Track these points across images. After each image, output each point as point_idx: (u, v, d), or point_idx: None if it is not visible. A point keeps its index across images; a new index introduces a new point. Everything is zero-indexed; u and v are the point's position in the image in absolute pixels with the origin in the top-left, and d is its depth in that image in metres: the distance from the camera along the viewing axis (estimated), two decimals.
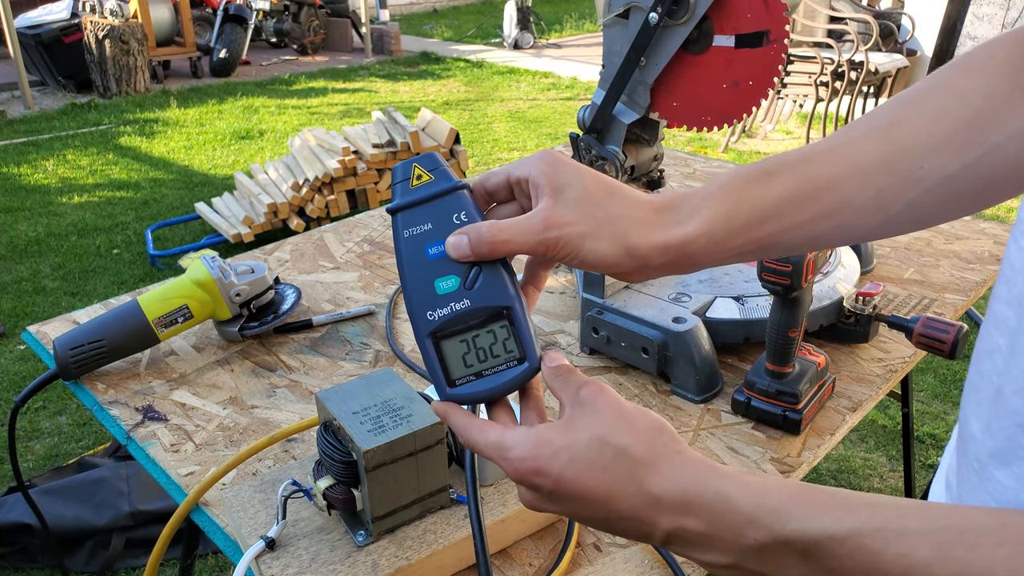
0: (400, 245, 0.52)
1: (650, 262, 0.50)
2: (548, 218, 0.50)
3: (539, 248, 0.50)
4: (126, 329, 0.96)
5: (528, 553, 0.70)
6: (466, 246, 0.51)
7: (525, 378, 0.52)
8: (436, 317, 0.51)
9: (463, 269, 0.51)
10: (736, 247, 0.50)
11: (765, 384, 0.84)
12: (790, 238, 0.50)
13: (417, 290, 0.51)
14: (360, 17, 8.53)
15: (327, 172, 3.68)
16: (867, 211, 0.49)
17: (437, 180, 0.53)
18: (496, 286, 0.51)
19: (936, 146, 0.48)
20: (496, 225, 0.51)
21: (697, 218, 0.50)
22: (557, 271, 1.21)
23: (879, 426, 2.45)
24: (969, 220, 1.36)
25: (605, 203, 0.50)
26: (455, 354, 0.51)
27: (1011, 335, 0.48)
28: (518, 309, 0.51)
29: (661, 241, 0.50)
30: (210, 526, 0.74)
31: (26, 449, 2.39)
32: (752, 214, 0.50)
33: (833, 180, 0.49)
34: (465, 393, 0.51)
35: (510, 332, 0.51)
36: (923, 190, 0.48)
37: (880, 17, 5.14)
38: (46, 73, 7.02)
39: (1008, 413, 0.48)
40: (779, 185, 0.50)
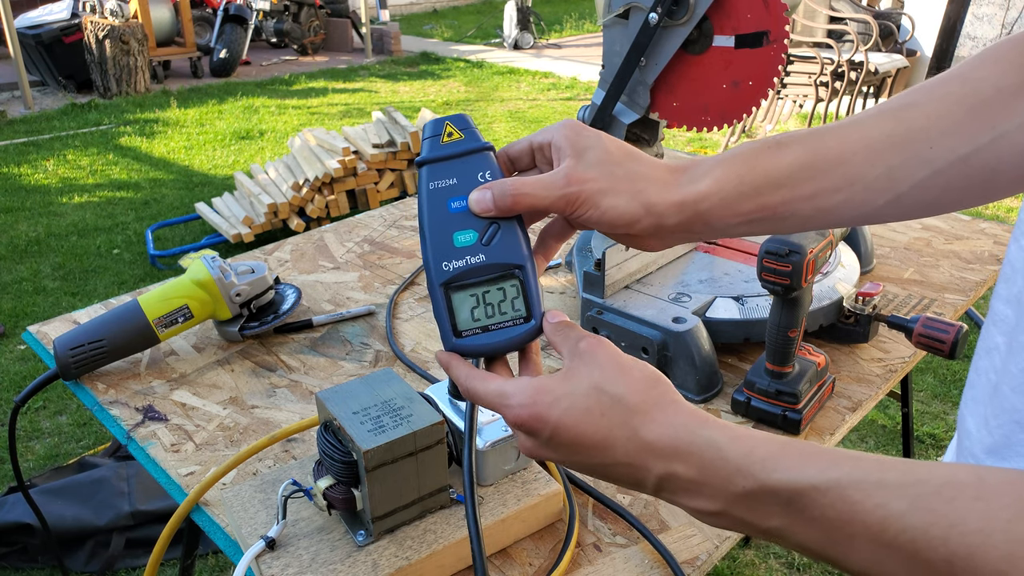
0: (424, 197, 0.54)
1: (666, 220, 0.52)
2: (569, 175, 0.52)
3: (559, 203, 0.52)
4: (126, 329, 0.96)
5: (528, 553, 0.70)
6: (489, 200, 0.53)
7: (529, 337, 0.54)
8: (451, 268, 0.53)
9: (482, 225, 0.53)
10: (747, 212, 0.52)
11: (765, 384, 0.84)
12: (800, 209, 0.52)
13: (435, 241, 0.53)
14: (360, 17, 8.53)
15: (327, 172, 3.68)
16: (876, 188, 0.50)
17: (466, 139, 0.55)
18: (511, 245, 0.53)
19: (946, 129, 0.49)
20: (519, 180, 0.53)
21: (710, 177, 0.52)
22: (557, 271, 1.21)
23: (879, 426, 2.45)
24: (969, 220, 1.36)
25: (625, 163, 0.52)
26: (464, 307, 0.53)
27: (1009, 333, 0.49)
28: (529, 270, 0.53)
29: (677, 198, 0.51)
30: (210, 526, 0.74)
31: (26, 449, 2.39)
32: (763, 180, 0.51)
33: (843, 154, 0.51)
34: (469, 345, 0.54)
35: (519, 291, 0.54)
36: (932, 171, 0.49)
37: (880, 17, 5.14)
38: (46, 73, 7.02)
39: (1005, 410, 0.49)
40: (790, 155, 0.52)
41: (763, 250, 0.77)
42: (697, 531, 0.71)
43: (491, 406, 0.51)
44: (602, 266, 0.94)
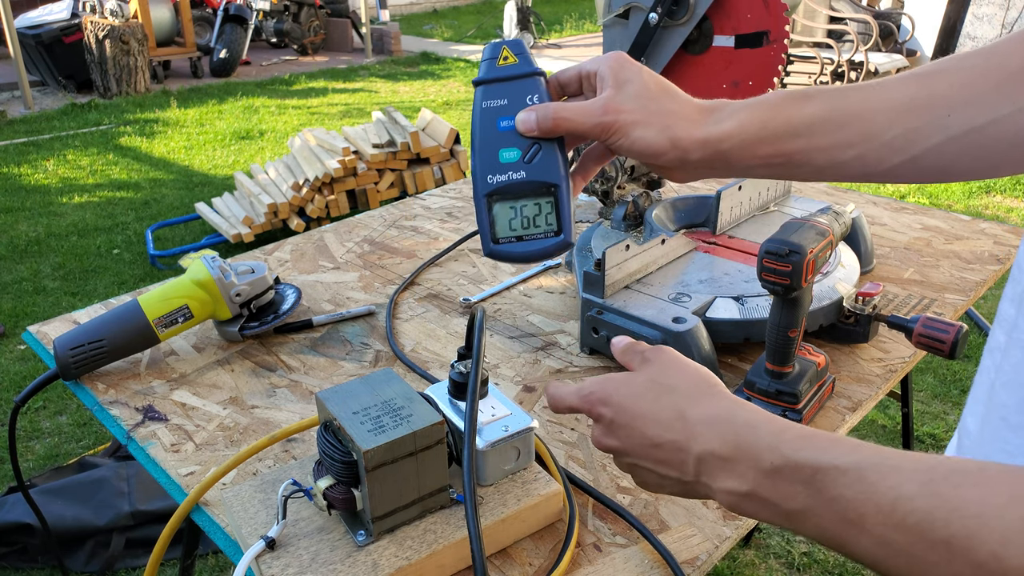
0: (477, 114, 0.59)
1: (690, 155, 0.56)
2: (607, 104, 0.57)
3: (595, 130, 0.57)
4: (126, 329, 0.96)
5: (528, 553, 0.70)
6: (533, 121, 0.58)
7: (557, 249, 0.59)
8: (494, 181, 0.58)
9: (526, 144, 0.59)
10: (765, 155, 0.56)
11: (765, 384, 0.84)
12: (815, 159, 0.55)
13: (483, 155, 0.59)
14: (360, 17, 8.53)
15: (327, 172, 3.68)
16: (891, 148, 0.53)
17: (520, 64, 0.60)
18: (550, 164, 0.58)
19: (967, 99, 0.50)
20: (561, 105, 0.58)
21: (734, 119, 0.56)
22: (557, 271, 1.22)
23: (879, 426, 2.45)
24: (969, 220, 1.36)
25: (659, 99, 0.57)
26: (503, 216, 0.59)
27: (1009, 332, 0.49)
28: (564, 189, 0.59)
29: (701, 136, 0.56)
30: (210, 526, 0.74)
31: (26, 449, 2.39)
32: (783, 127, 0.55)
33: (864, 112, 0.53)
34: (504, 251, 0.60)
35: (553, 207, 0.59)
36: (948, 138, 0.51)
37: (880, 17, 5.14)
38: (46, 73, 7.02)
39: (996, 408, 0.49)
40: (812, 106, 0.55)
41: (763, 250, 0.77)
42: (697, 531, 0.71)
43: (572, 402, 0.58)
44: (602, 266, 0.94)
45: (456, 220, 1.43)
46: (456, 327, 1.07)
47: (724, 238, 1.12)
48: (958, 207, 4.12)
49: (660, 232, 1.05)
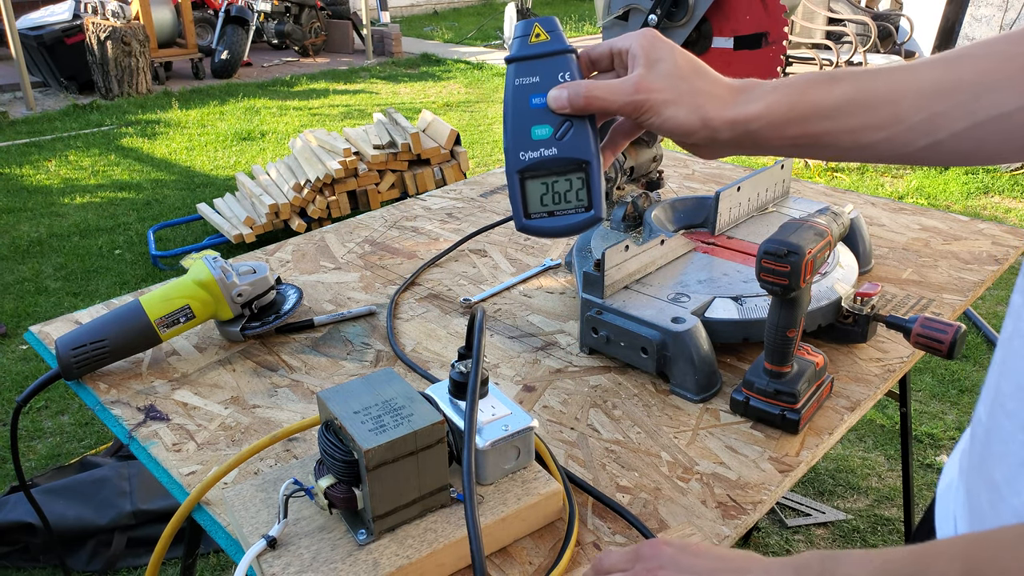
0: (509, 91, 0.60)
1: (720, 135, 0.57)
2: (638, 83, 0.57)
3: (626, 108, 0.58)
4: (128, 329, 0.97)
5: (528, 552, 0.70)
6: (564, 99, 0.58)
7: (588, 224, 0.60)
8: (527, 158, 0.59)
9: (557, 121, 0.59)
10: (792, 136, 0.56)
11: (764, 384, 0.84)
12: (841, 141, 0.56)
13: (515, 133, 0.59)
14: (361, 19, 8.54)
15: (328, 173, 3.68)
16: (917, 132, 0.53)
17: (552, 41, 0.60)
18: (581, 141, 0.59)
19: (993, 84, 0.50)
20: (593, 83, 0.58)
21: (763, 101, 0.56)
22: (557, 271, 1.22)
23: (877, 426, 2.45)
24: (967, 220, 1.37)
25: (691, 79, 0.57)
26: (535, 192, 0.60)
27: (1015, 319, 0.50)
28: (595, 165, 0.59)
29: (731, 116, 0.57)
30: (212, 525, 0.74)
31: (28, 449, 2.39)
32: (811, 109, 0.56)
33: (891, 95, 0.54)
34: (536, 226, 0.61)
35: (584, 183, 0.60)
36: (973, 123, 0.51)
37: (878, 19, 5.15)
38: (48, 74, 7.03)
39: (998, 395, 0.50)
40: (840, 89, 0.55)
41: (762, 251, 0.78)
42: (696, 530, 0.72)
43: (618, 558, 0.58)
44: (601, 266, 0.95)
45: (456, 221, 1.43)
46: (456, 327, 1.08)
47: (723, 239, 1.12)
48: (956, 207, 4.12)
49: (659, 233, 1.05)
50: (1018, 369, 0.47)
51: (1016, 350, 0.48)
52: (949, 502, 0.63)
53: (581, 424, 0.87)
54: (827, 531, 2.06)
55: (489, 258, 1.28)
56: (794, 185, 1.48)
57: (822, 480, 2.24)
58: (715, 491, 0.76)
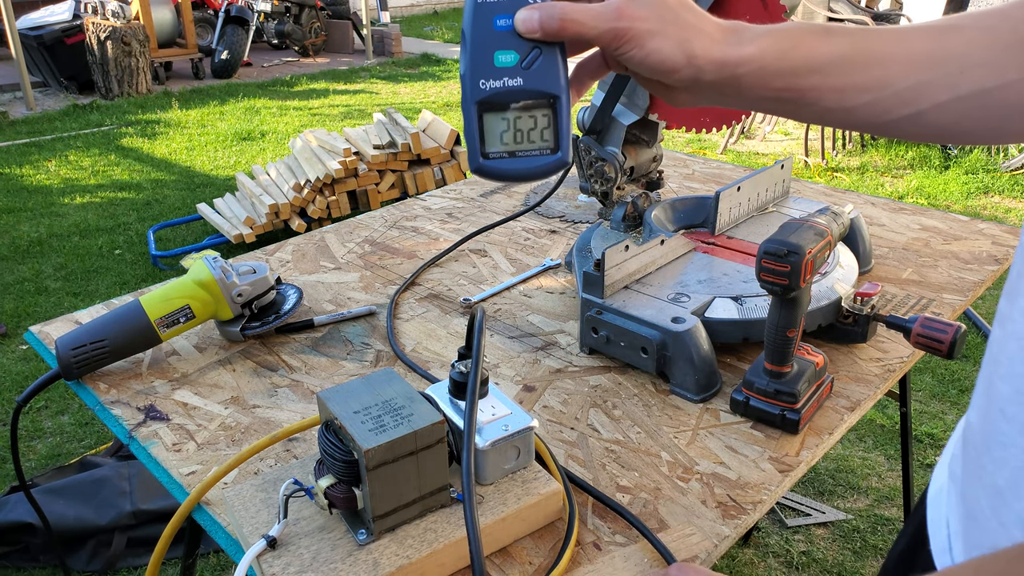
0: (469, 10, 0.53)
1: (704, 75, 0.52)
2: (621, 8, 0.51)
3: (606, 36, 0.52)
4: (128, 329, 0.97)
5: (528, 552, 0.70)
6: (536, 21, 0.51)
7: (553, 168, 0.53)
8: (487, 88, 0.52)
9: (524, 48, 0.52)
10: (778, 88, 0.53)
11: (763, 384, 0.84)
12: (825, 99, 0.53)
13: (476, 57, 0.52)
14: (361, 19, 8.54)
15: (328, 173, 3.68)
16: (901, 100, 0.51)
17: None
18: (551, 72, 0.52)
19: (979, 60, 0.49)
20: (569, 4, 0.52)
21: (755, 45, 0.52)
22: (557, 271, 1.22)
23: (877, 425, 2.45)
24: (967, 220, 1.37)
25: (678, 10, 0.52)
26: (495, 128, 0.53)
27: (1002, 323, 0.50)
28: (564, 101, 0.53)
29: (719, 56, 0.52)
30: (212, 525, 0.74)
31: (28, 449, 2.39)
32: (802, 61, 0.52)
33: (883, 57, 0.52)
34: (494, 167, 0.53)
35: (551, 122, 0.53)
36: (955, 96, 0.50)
37: (878, 19, 5.14)
38: (48, 74, 7.03)
39: (993, 399, 0.50)
40: (834, 44, 0.53)
41: (762, 250, 0.78)
42: (696, 530, 0.72)
43: None
44: (601, 266, 0.95)
45: (457, 221, 1.43)
46: (456, 327, 1.08)
47: (723, 238, 1.12)
48: (956, 207, 4.12)
49: (659, 233, 1.05)
50: (1017, 374, 0.47)
51: (1012, 354, 0.48)
52: (941, 507, 0.63)
53: (581, 424, 0.87)
54: (827, 531, 2.06)
55: (489, 258, 1.28)
56: (794, 185, 1.48)
57: (822, 480, 2.24)
58: (715, 491, 0.76)
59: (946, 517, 0.61)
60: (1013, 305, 0.48)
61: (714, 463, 0.80)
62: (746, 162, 4.83)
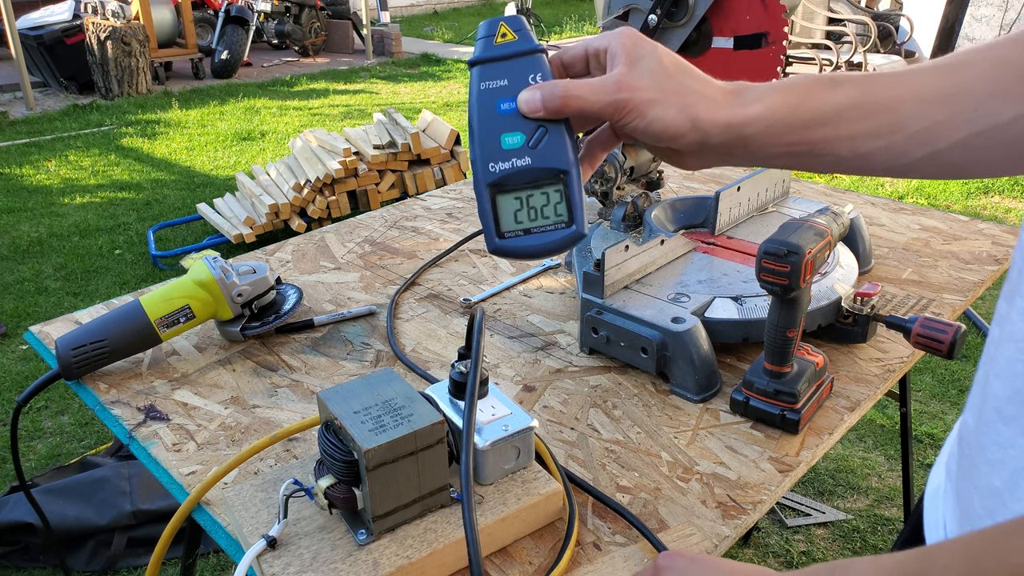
0: (474, 97, 0.54)
1: (710, 138, 0.52)
2: (621, 81, 0.52)
3: (608, 109, 0.52)
4: (128, 329, 0.97)
5: (528, 552, 0.70)
6: (538, 101, 0.52)
7: (570, 242, 0.54)
8: (497, 170, 0.53)
9: (530, 127, 0.53)
10: (789, 143, 0.52)
11: (763, 384, 0.84)
12: (839, 148, 0.52)
13: (484, 142, 0.53)
14: (361, 19, 8.54)
15: (328, 173, 3.69)
16: (917, 141, 0.51)
17: (520, 41, 0.55)
18: (558, 149, 0.53)
19: (993, 92, 0.49)
20: (570, 82, 0.53)
21: (761, 104, 0.52)
22: (557, 271, 1.22)
23: (877, 426, 2.45)
24: (967, 220, 1.37)
25: (678, 77, 0.53)
26: (508, 208, 0.54)
27: (1000, 324, 0.50)
28: (574, 175, 0.54)
29: (724, 118, 0.52)
30: (212, 525, 0.74)
31: (28, 449, 2.39)
32: (811, 114, 0.52)
33: (892, 101, 0.51)
34: (511, 246, 0.54)
35: (563, 196, 0.54)
36: (972, 133, 0.49)
37: (878, 19, 5.15)
38: (48, 74, 7.03)
39: (989, 399, 0.49)
40: (842, 94, 0.52)
41: (762, 250, 0.78)
42: (696, 530, 0.72)
43: None
44: (601, 266, 0.95)
45: (457, 221, 1.43)
46: (456, 327, 1.08)
47: (723, 238, 1.12)
48: (956, 207, 4.12)
49: (659, 233, 1.05)
50: (1015, 373, 0.47)
51: (1010, 355, 0.48)
52: (938, 507, 0.63)
53: (581, 424, 0.87)
54: (827, 531, 2.06)
55: (489, 258, 1.28)
56: (794, 185, 1.48)
57: (822, 480, 2.24)
58: (715, 491, 0.76)
59: (943, 517, 0.61)
60: (1011, 306, 0.48)
61: (714, 463, 0.80)
62: None
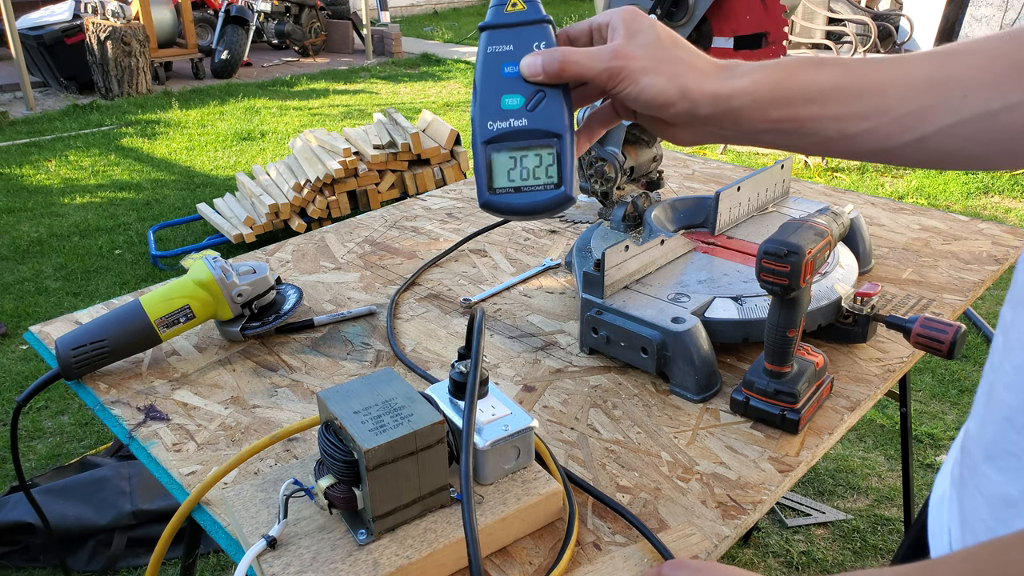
0: (480, 59, 0.57)
1: (699, 109, 0.54)
2: (616, 50, 0.55)
3: (603, 75, 0.55)
4: (128, 329, 0.97)
5: (528, 552, 0.70)
6: (539, 65, 0.56)
7: (557, 203, 0.57)
8: (494, 128, 0.56)
9: (529, 91, 0.56)
10: (775, 119, 0.54)
11: (763, 384, 0.84)
12: (826, 128, 0.54)
13: (485, 101, 0.57)
14: (361, 19, 8.54)
15: (328, 173, 3.68)
16: (903, 126, 0.51)
17: (528, 11, 0.58)
18: (554, 113, 0.56)
19: (984, 82, 0.49)
20: (569, 48, 0.56)
21: (748, 78, 0.54)
22: (557, 271, 1.22)
23: (877, 426, 2.45)
24: (967, 220, 1.37)
25: (671, 49, 0.56)
26: (501, 166, 0.57)
27: (1005, 332, 0.50)
28: (567, 140, 0.56)
29: (713, 89, 0.54)
30: (212, 525, 0.74)
31: (28, 449, 2.39)
32: (798, 91, 0.53)
33: (880, 84, 0.52)
34: (501, 202, 0.57)
35: (555, 159, 0.56)
36: (959, 120, 0.50)
37: (878, 19, 5.15)
38: (48, 74, 7.03)
39: (998, 408, 0.49)
40: (827, 73, 0.53)
41: (762, 251, 0.78)
42: (696, 530, 0.72)
43: None
44: (601, 266, 0.95)
45: (457, 221, 1.43)
46: (456, 327, 1.08)
47: (723, 239, 1.12)
48: (956, 207, 4.12)
49: (659, 233, 1.05)
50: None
51: (1020, 364, 0.47)
52: (943, 514, 0.63)
53: (581, 424, 0.87)
54: (827, 531, 2.06)
55: (489, 258, 1.28)
56: (794, 185, 1.48)
57: (822, 480, 2.24)
58: (715, 491, 0.76)
59: (947, 525, 0.61)
60: (1016, 313, 0.48)
61: (714, 463, 0.80)
62: (746, 162, 4.83)
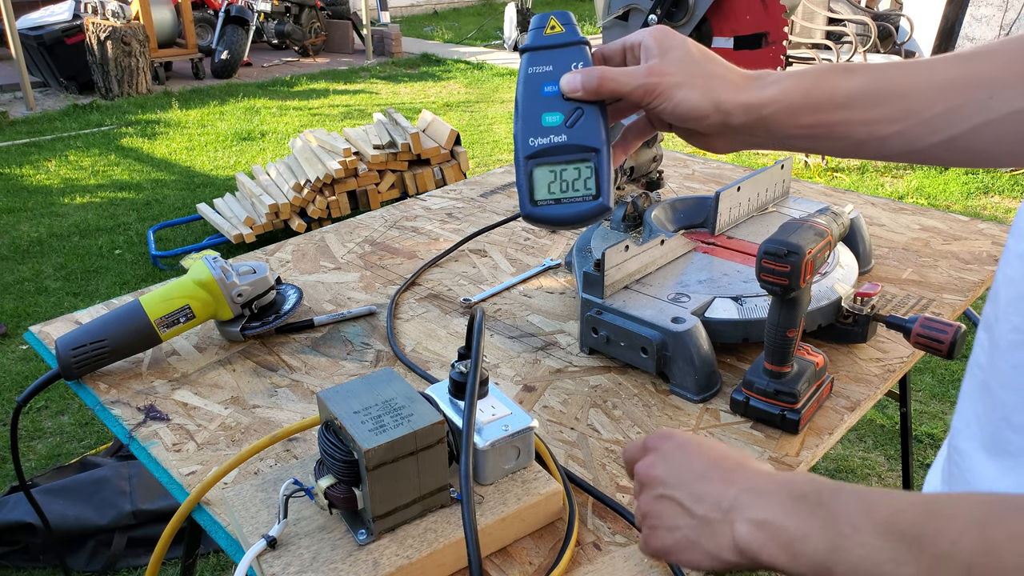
0: (522, 80, 0.61)
1: (732, 119, 0.57)
2: (651, 68, 0.58)
3: (638, 91, 0.58)
4: (128, 329, 0.97)
5: (528, 552, 0.70)
6: (578, 82, 0.59)
7: (596, 213, 0.60)
8: (536, 144, 0.60)
9: (568, 108, 0.60)
10: (806, 124, 0.56)
11: (763, 384, 0.84)
12: (856, 132, 0.56)
13: (526, 119, 0.60)
14: (361, 19, 8.54)
15: (328, 173, 3.68)
16: (931, 127, 0.53)
17: (566, 33, 0.62)
18: (592, 128, 0.60)
19: (1010, 81, 0.50)
20: (606, 67, 0.59)
21: (777, 87, 0.57)
22: (557, 271, 1.22)
23: (877, 426, 2.45)
24: (967, 220, 1.37)
25: (703, 63, 0.58)
26: (543, 179, 0.60)
27: (989, 328, 0.50)
28: (604, 154, 0.60)
29: (744, 99, 0.57)
30: (212, 525, 0.74)
31: (28, 449, 2.39)
32: (826, 98, 0.56)
33: (906, 88, 0.54)
34: (542, 214, 0.61)
35: (593, 172, 0.60)
36: (987, 120, 0.51)
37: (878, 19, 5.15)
38: (48, 74, 7.03)
39: (995, 407, 0.49)
40: (855, 80, 0.55)
41: (762, 251, 0.78)
42: None
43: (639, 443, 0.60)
44: (601, 266, 0.95)
45: (457, 221, 1.43)
46: (456, 327, 1.08)
47: (723, 239, 1.12)
48: (956, 207, 4.12)
49: (659, 233, 1.05)
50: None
51: (1018, 363, 0.47)
52: None
53: (581, 424, 0.87)
54: None
55: (489, 258, 1.28)
56: (794, 185, 1.48)
57: None
58: None
59: None
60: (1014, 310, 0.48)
61: None
62: (746, 162, 4.83)
